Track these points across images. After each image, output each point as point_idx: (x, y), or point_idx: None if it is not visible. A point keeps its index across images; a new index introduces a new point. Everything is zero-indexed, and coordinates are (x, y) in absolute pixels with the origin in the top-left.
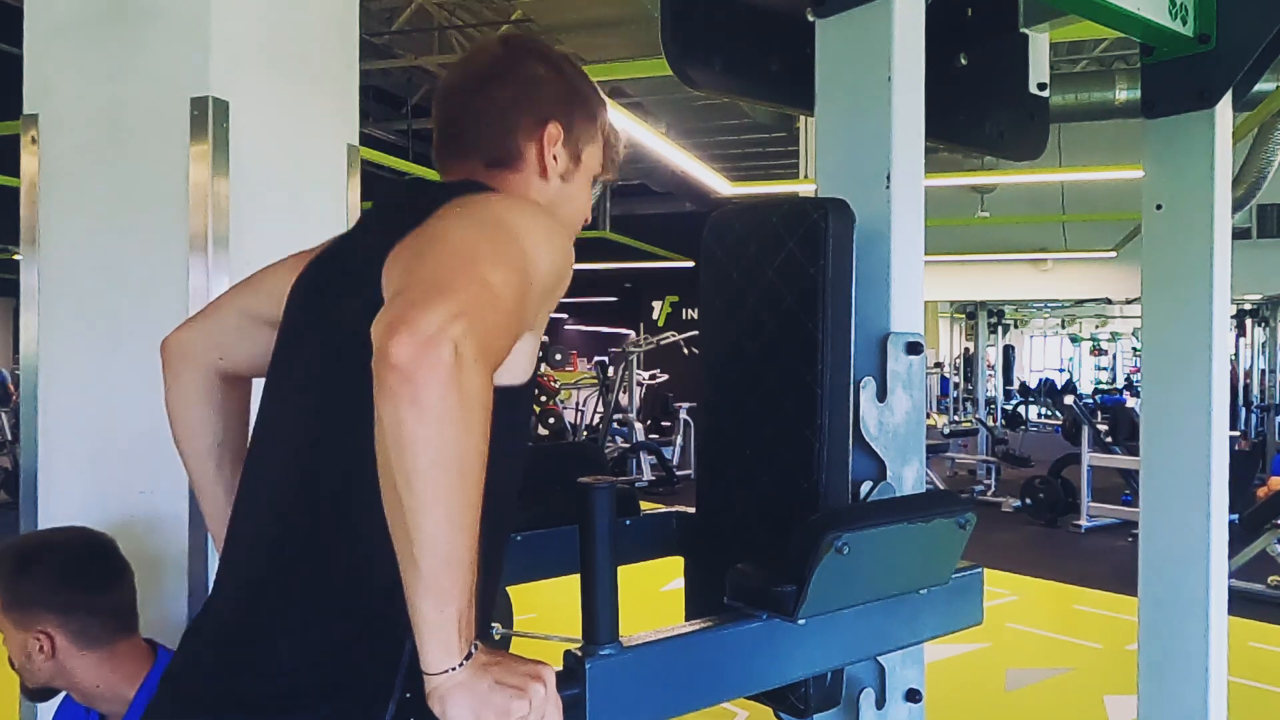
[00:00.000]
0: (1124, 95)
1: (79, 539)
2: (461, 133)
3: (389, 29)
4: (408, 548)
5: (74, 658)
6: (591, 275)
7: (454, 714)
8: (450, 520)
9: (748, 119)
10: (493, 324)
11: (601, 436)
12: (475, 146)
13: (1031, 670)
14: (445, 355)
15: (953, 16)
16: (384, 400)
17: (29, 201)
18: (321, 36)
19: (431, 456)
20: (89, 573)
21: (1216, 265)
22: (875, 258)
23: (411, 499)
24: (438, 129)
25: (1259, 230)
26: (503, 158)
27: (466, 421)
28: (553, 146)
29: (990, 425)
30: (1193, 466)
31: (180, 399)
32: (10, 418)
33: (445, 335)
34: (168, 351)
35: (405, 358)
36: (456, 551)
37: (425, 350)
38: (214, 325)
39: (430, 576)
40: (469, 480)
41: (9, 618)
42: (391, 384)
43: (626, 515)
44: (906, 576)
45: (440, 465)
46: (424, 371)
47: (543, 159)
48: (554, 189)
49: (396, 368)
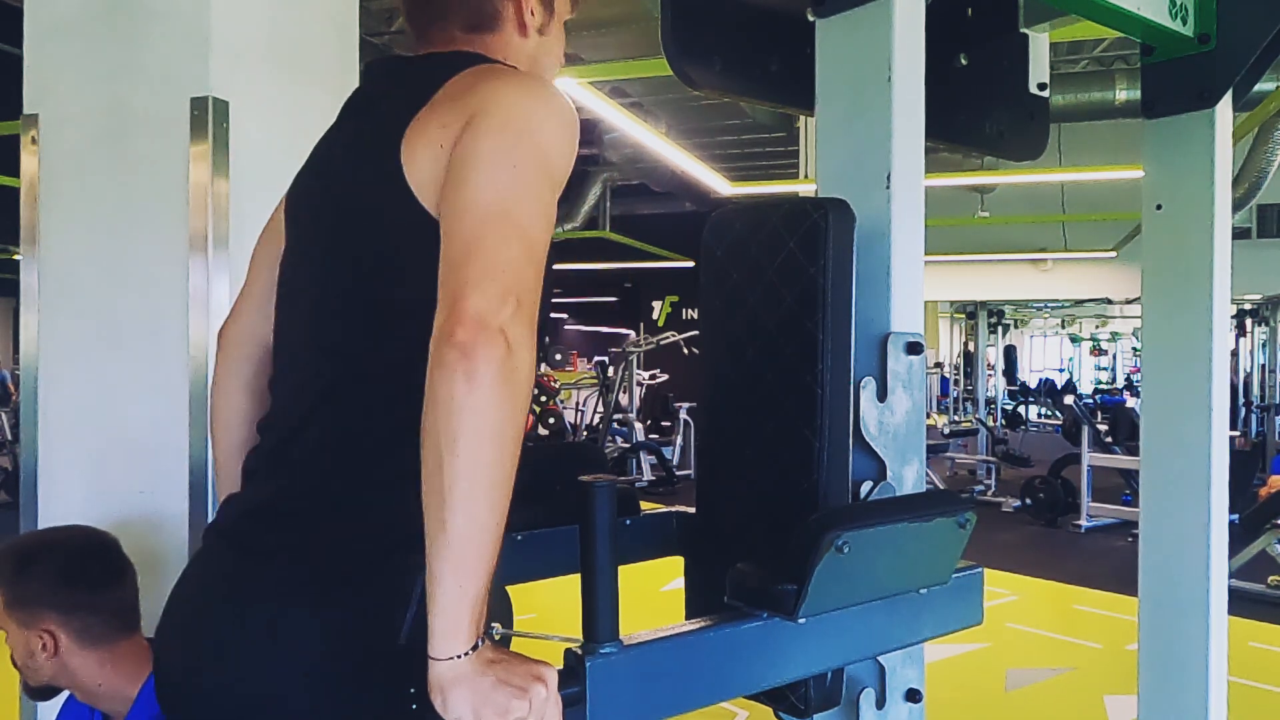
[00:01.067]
0: (1124, 95)
1: (81, 538)
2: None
3: (389, 29)
4: (440, 513)
5: (76, 656)
6: (591, 275)
7: (454, 708)
8: (486, 491)
9: (748, 119)
10: (535, 282)
11: (601, 436)
12: (450, 11)
13: (1031, 670)
14: (499, 342)
15: (953, 16)
16: (440, 372)
17: (29, 201)
18: (321, 36)
19: (479, 427)
20: (92, 571)
21: (1216, 265)
22: (875, 258)
23: (453, 462)
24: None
25: (1259, 230)
26: (481, 21)
27: (514, 401)
28: (529, 2)
29: (990, 425)
30: (1193, 466)
31: (222, 393)
32: (10, 418)
33: (499, 320)
34: (221, 340)
35: (465, 339)
36: (486, 522)
37: (483, 336)
38: (251, 303)
39: (457, 544)
40: (506, 457)
41: (12, 617)
42: (451, 360)
43: (626, 515)
44: (907, 576)
45: (485, 437)
46: (481, 352)
47: (521, 16)
48: (533, 43)
49: (458, 345)
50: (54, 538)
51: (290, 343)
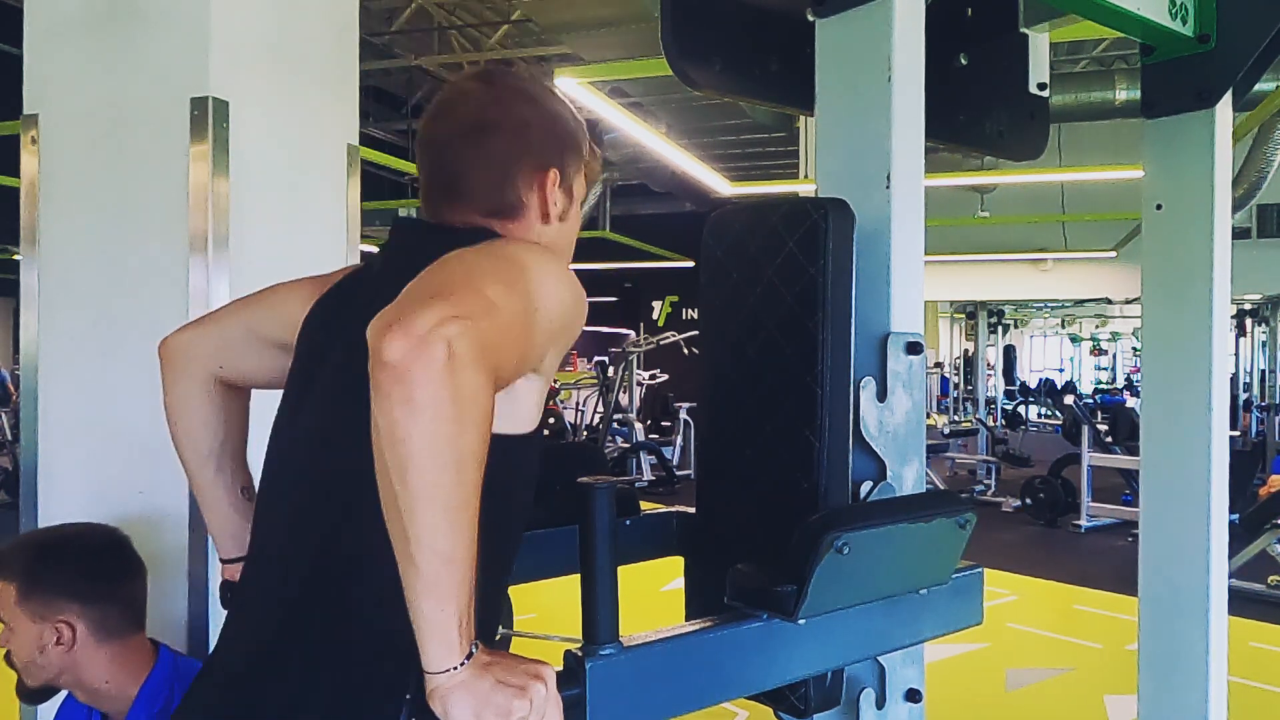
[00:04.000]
0: (1124, 95)
1: (98, 531)
2: (456, 182)
3: (389, 29)
4: (405, 547)
5: (91, 649)
6: (591, 275)
7: (455, 713)
8: (447, 518)
9: (748, 119)
10: (491, 331)
11: (601, 436)
12: (473, 197)
13: (1031, 670)
14: (438, 353)
15: (953, 16)
16: (378, 400)
17: (29, 201)
18: (321, 36)
19: (425, 453)
20: (111, 564)
21: (1216, 265)
22: (875, 258)
23: (407, 496)
24: (427, 177)
25: (1259, 230)
26: (503, 208)
27: (460, 420)
28: (553, 192)
29: (990, 425)
30: (1193, 466)
31: (180, 402)
32: (10, 418)
33: (438, 334)
34: (167, 352)
35: (397, 355)
36: (454, 549)
37: (418, 349)
38: (217, 335)
39: (429, 575)
40: (465, 478)
41: (26, 609)
42: (385, 383)
43: (626, 515)
44: (907, 576)
45: (435, 462)
46: (416, 369)
47: (545, 205)
48: (553, 230)
49: (389, 365)
50: (72, 531)
51: (286, 467)
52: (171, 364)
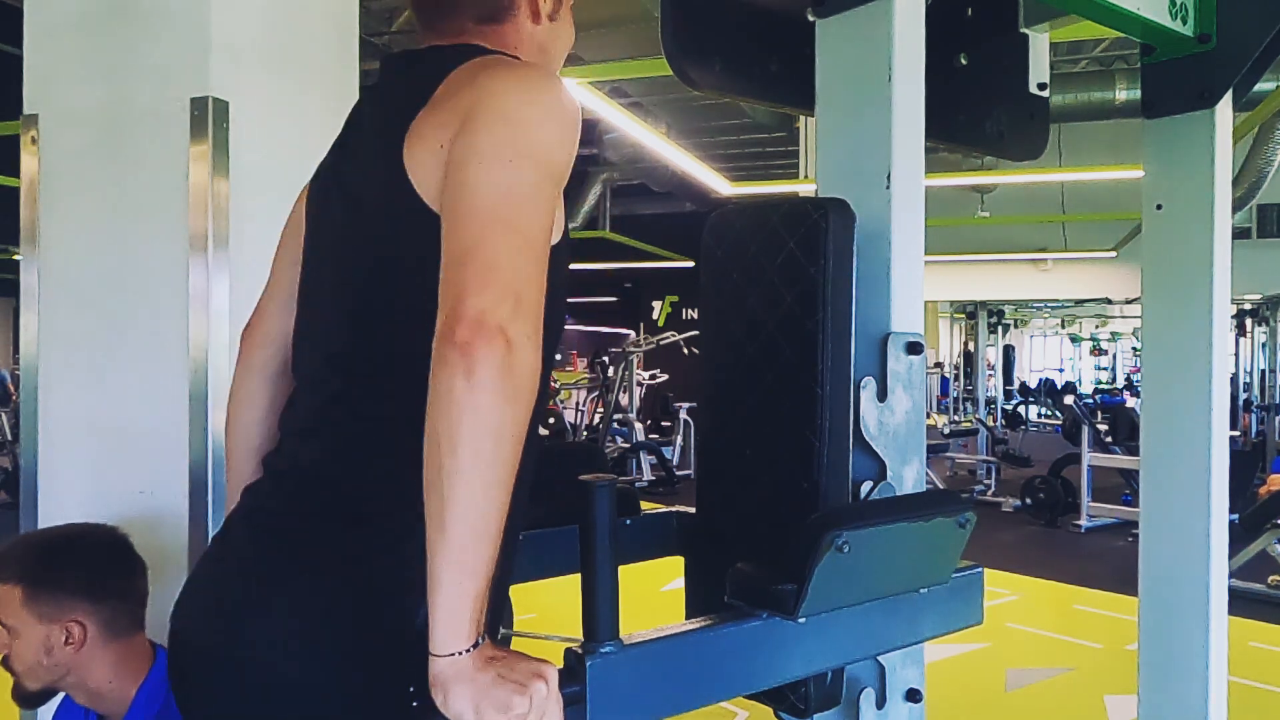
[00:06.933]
0: (1124, 95)
1: (101, 530)
2: None
3: (389, 29)
4: (440, 515)
5: (98, 649)
6: (591, 275)
7: (454, 705)
8: (485, 493)
9: (748, 119)
10: (537, 278)
11: (601, 436)
12: (463, 2)
13: (1031, 670)
14: (499, 341)
15: (953, 16)
16: (441, 371)
17: (29, 201)
18: (321, 36)
19: (478, 425)
20: (120, 562)
21: (1216, 265)
22: (875, 258)
23: (454, 462)
24: None
25: (1259, 230)
26: (494, 11)
27: (515, 400)
28: None
29: (990, 425)
30: (1193, 466)
31: (243, 394)
32: (10, 418)
33: (498, 318)
34: (244, 340)
35: (465, 338)
36: (486, 525)
37: (483, 335)
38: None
39: (457, 545)
40: (507, 456)
41: (32, 609)
42: (451, 360)
43: (627, 515)
44: (907, 576)
45: (485, 436)
46: (480, 351)
47: (534, 4)
48: (544, 30)
49: (457, 345)
50: (76, 531)
51: (306, 343)
52: (243, 354)
